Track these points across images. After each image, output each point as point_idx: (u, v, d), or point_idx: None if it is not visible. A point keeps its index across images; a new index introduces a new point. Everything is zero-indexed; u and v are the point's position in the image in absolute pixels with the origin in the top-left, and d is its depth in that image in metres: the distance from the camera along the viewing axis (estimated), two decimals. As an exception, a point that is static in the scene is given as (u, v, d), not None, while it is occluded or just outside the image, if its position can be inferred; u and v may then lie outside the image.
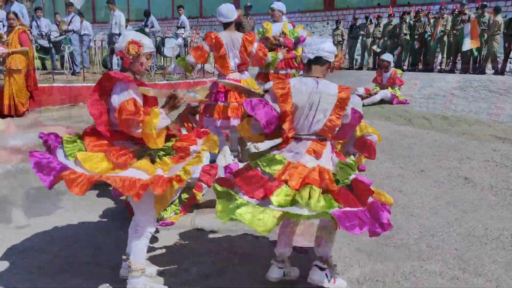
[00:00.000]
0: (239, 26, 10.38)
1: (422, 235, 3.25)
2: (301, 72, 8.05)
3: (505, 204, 3.68)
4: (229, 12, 4.61)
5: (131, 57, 2.50)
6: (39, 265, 3.08)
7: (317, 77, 2.55)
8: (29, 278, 2.91)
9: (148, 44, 2.57)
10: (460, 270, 2.75)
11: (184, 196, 3.75)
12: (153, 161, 2.54)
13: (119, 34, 10.88)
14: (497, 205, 3.67)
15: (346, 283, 2.64)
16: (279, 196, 2.32)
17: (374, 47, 13.78)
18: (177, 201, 3.72)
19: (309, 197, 2.28)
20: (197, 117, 4.48)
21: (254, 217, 2.27)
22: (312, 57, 2.53)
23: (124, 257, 2.77)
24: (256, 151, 4.84)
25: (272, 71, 6.78)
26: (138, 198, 2.32)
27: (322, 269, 2.57)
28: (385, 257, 2.96)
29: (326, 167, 2.47)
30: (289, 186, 2.35)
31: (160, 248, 3.25)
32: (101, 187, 4.40)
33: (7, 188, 4.55)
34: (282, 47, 6.53)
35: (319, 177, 2.38)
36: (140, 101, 2.50)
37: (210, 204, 3.81)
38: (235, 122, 4.66)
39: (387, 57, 7.95)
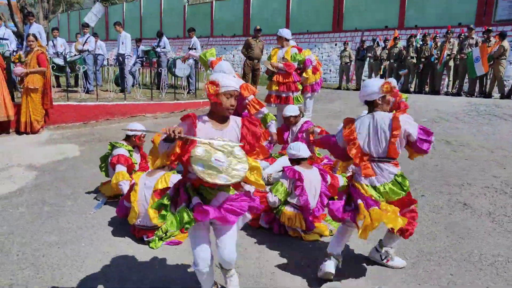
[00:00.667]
0: (248, 47, 10.73)
1: (419, 259, 3.37)
2: (308, 94, 8.28)
3: (501, 230, 3.78)
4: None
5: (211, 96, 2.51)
6: (52, 278, 3.25)
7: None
8: (44, 292, 3.08)
9: (225, 83, 2.52)
10: (453, 294, 2.88)
11: None
12: None
13: (124, 54, 11.32)
14: (494, 232, 3.77)
15: (403, 263, 3.28)
16: None
17: (401, 72, 13.72)
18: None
19: None
20: None
21: None
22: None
23: None
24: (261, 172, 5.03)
25: (274, 93, 7.03)
26: None
27: (377, 250, 3.31)
28: (382, 280, 3.09)
29: None
30: None
31: (162, 262, 3.41)
32: (111, 206, 4.61)
33: (23, 205, 4.75)
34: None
35: None
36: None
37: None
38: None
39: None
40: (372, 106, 3.11)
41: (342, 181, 4.33)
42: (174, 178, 3.80)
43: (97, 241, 3.88)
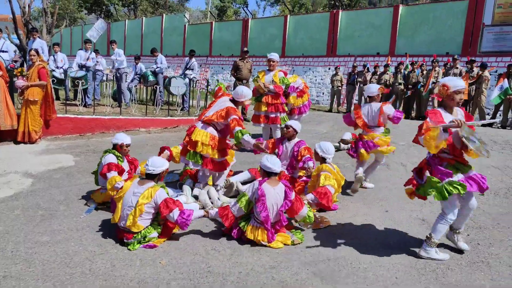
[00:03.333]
0: (236, 69, 11.22)
1: (371, 265, 3.77)
2: (296, 117, 8.74)
3: (450, 243, 4.20)
4: (241, 95, 5.36)
5: (443, 96, 3.74)
6: (43, 272, 3.62)
7: None
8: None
9: (456, 84, 3.71)
10: (394, 294, 3.28)
11: (161, 220, 4.29)
12: None
13: (119, 69, 11.97)
14: (443, 245, 4.19)
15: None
16: None
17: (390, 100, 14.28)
18: (155, 225, 4.27)
19: None
20: None
21: None
22: None
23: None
24: (240, 187, 5.43)
25: (263, 114, 7.49)
26: None
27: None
28: (335, 281, 3.48)
29: None
30: None
31: (142, 262, 3.80)
32: (100, 211, 5.00)
33: (19, 208, 5.12)
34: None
35: None
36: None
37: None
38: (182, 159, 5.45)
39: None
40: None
41: (305, 210, 4.41)
42: (160, 192, 4.15)
43: (85, 242, 4.25)
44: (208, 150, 5.11)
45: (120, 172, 5.02)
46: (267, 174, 4.30)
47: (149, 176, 4.30)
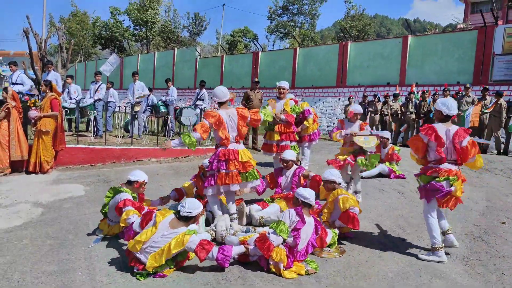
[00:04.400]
0: (247, 99, 11.26)
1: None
2: (306, 144, 8.66)
3: (472, 273, 4.00)
4: (223, 94, 5.28)
5: None
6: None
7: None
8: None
9: None
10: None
11: (180, 258, 4.19)
12: None
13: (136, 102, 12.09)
14: (465, 274, 3.99)
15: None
16: None
17: (401, 129, 14.25)
18: (170, 261, 4.14)
19: None
20: None
21: None
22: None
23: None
24: (254, 214, 5.34)
25: (275, 143, 7.42)
26: None
27: None
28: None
29: None
30: None
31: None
32: (112, 238, 4.91)
33: (27, 238, 5.05)
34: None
35: None
36: None
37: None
38: (235, 187, 5.15)
39: (386, 134, 8.51)
40: None
41: (330, 235, 4.65)
42: (193, 238, 4.00)
43: (93, 271, 4.13)
44: (254, 162, 5.38)
45: (137, 209, 4.82)
46: (302, 204, 4.40)
47: (184, 218, 4.18)
